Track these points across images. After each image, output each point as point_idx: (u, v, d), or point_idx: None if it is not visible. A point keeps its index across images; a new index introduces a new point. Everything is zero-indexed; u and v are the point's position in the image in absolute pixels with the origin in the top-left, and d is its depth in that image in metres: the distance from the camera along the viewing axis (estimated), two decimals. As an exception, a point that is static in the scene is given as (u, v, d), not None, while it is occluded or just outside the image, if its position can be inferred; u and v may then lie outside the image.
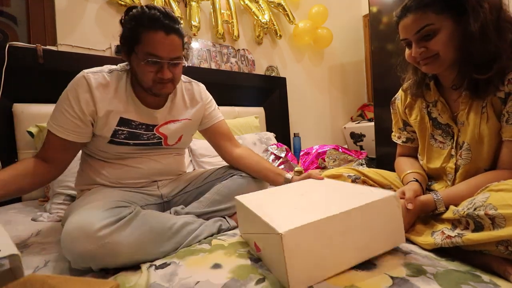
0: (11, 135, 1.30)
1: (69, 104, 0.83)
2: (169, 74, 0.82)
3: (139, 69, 0.82)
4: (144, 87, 0.86)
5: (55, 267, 0.69)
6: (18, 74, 1.29)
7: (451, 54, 0.71)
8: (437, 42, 0.70)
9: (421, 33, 0.71)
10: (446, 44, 0.70)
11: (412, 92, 0.90)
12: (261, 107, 2.39)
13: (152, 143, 0.95)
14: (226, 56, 2.17)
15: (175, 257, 0.70)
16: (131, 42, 0.80)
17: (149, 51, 0.78)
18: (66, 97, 0.84)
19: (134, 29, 0.78)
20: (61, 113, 0.83)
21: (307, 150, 1.98)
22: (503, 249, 0.55)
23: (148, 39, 0.77)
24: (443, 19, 0.69)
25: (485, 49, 0.67)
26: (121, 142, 0.89)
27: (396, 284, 0.54)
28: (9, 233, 0.89)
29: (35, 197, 1.33)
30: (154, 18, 0.76)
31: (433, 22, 0.69)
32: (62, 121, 0.83)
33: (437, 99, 0.84)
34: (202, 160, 1.64)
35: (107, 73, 0.87)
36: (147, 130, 0.93)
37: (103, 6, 1.65)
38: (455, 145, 0.81)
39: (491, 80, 0.69)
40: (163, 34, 0.77)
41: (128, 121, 0.89)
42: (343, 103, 3.27)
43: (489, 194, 0.59)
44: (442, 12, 0.68)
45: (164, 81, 0.83)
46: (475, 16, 0.65)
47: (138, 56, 0.79)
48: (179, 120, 0.99)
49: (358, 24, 3.38)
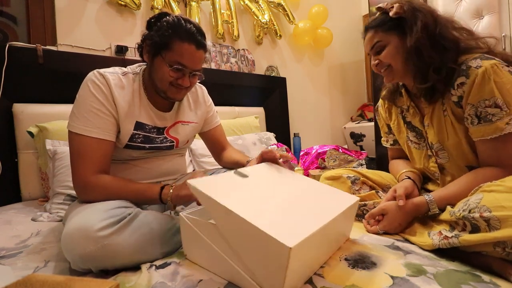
0: (11, 135, 1.30)
1: (98, 102, 0.80)
2: (187, 83, 0.86)
3: (160, 71, 0.84)
4: (158, 88, 0.87)
5: (55, 267, 0.69)
6: (18, 74, 1.29)
7: (401, 65, 0.82)
8: (385, 54, 0.83)
9: (374, 49, 0.85)
10: (393, 57, 0.82)
11: (387, 98, 1.01)
12: (261, 107, 2.39)
13: (166, 146, 0.96)
14: (226, 56, 2.17)
15: (175, 256, 0.71)
16: (160, 47, 0.82)
17: (177, 59, 0.82)
18: (91, 95, 0.79)
19: (168, 37, 0.81)
20: (93, 113, 0.79)
21: (307, 150, 1.98)
22: (500, 250, 0.56)
23: (179, 48, 0.81)
24: (390, 36, 0.82)
25: (420, 61, 0.77)
26: (138, 146, 0.89)
27: (396, 284, 0.54)
28: (9, 233, 0.91)
29: (35, 197, 1.34)
30: (190, 32, 0.82)
31: (382, 39, 0.83)
32: (98, 121, 0.79)
33: (409, 105, 0.92)
34: (202, 160, 1.65)
35: (121, 75, 0.87)
36: (158, 133, 0.94)
37: (103, 6, 1.65)
38: (428, 146, 0.88)
39: (435, 88, 0.79)
40: (194, 48, 0.83)
41: (142, 124, 0.89)
42: (343, 103, 3.27)
43: (482, 195, 0.60)
44: (389, 30, 0.82)
45: (181, 87, 0.87)
46: (410, 33, 0.77)
47: (164, 60, 0.82)
48: (186, 122, 1.01)
49: (358, 24, 3.38)
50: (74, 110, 0.80)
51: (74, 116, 0.80)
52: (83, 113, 0.79)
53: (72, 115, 0.80)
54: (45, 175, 1.32)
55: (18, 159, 1.31)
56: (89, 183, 0.76)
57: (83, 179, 0.77)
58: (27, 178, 1.32)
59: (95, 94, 0.80)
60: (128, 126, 0.86)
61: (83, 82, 0.82)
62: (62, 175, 1.17)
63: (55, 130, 1.29)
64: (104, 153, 0.81)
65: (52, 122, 1.31)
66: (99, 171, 0.78)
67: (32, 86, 1.34)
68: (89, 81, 0.81)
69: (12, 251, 0.78)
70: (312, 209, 0.65)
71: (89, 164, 0.77)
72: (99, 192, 0.76)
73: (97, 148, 0.79)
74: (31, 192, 1.33)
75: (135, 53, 1.73)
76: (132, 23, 1.75)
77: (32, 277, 0.44)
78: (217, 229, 0.58)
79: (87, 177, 0.76)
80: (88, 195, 0.77)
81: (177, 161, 1.06)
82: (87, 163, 0.77)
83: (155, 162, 0.97)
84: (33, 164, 1.33)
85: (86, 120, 0.78)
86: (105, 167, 0.81)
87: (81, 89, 0.82)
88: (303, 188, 0.77)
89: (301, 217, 0.58)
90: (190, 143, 1.10)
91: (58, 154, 1.21)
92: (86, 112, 0.79)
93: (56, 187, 1.16)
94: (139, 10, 1.75)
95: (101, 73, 0.83)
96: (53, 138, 1.28)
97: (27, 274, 0.56)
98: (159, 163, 0.98)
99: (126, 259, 0.64)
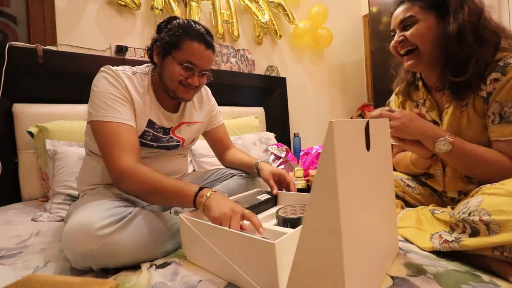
0: (11, 135, 1.30)
1: (118, 90, 0.80)
2: (197, 82, 0.88)
3: (171, 70, 0.85)
4: (168, 88, 0.88)
5: (55, 267, 0.69)
6: (18, 74, 1.29)
7: (429, 49, 0.76)
8: (414, 32, 0.76)
9: (404, 22, 0.78)
10: (423, 37, 0.75)
11: (404, 92, 0.95)
12: (261, 107, 2.39)
13: (172, 145, 0.97)
14: (226, 56, 2.17)
15: (175, 256, 0.71)
16: (171, 46, 0.84)
17: (187, 58, 0.84)
18: (109, 84, 0.79)
19: (179, 36, 0.83)
20: (115, 101, 0.78)
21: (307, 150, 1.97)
22: (498, 254, 0.55)
23: (190, 48, 0.83)
24: (427, 14, 0.75)
25: (461, 50, 0.71)
26: (147, 144, 0.90)
27: (396, 284, 0.54)
28: (9, 233, 0.91)
29: (35, 197, 1.34)
30: (200, 33, 0.84)
31: (417, 15, 0.76)
32: (121, 108, 0.78)
33: (426, 98, 0.88)
34: (202, 160, 1.65)
35: (132, 74, 0.88)
36: (165, 133, 0.94)
37: (103, 6, 1.65)
38: None
39: (469, 83, 0.72)
40: (204, 47, 0.85)
41: (153, 123, 0.90)
42: (343, 103, 3.27)
43: (482, 197, 0.59)
44: (428, 8, 0.75)
45: (190, 86, 0.88)
46: (455, 17, 0.71)
47: (175, 59, 0.84)
48: (191, 122, 1.01)
49: (358, 24, 3.38)
50: (95, 100, 0.78)
51: (95, 105, 0.78)
52: (106, 101, 0.78)
53: (94, 105, 0.78)
54: (45, 175, 1.32)
55: (18, 159, 1.31)
56: (125, 171, 0.72)
57: (119, 167, 0.72)
58: (27, 178, 1.32)
59: (113, 83, 0.81)
60: (142, 122, 0.87)
61: (96, 77, 0.83)
62: (62, 175, 1.17)
63: (55, 130, 1.29)
64: (134, 139, 0.79)
65: (52, 122, 1.31)
66: (136, 158, 0.76)
67: (32, 86, 1.34)
68: (105, 73, 0.82)
69: (12, 251, 0.78)
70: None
71: (122, 151, 0.74)
72: (135, 181, 0.72)
73: (128, 134, 0.77)
74: (31, 192, 1.33)
75: (135, 53, 1.73)
76: (132, 23, 1.75)
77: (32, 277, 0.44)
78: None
79: (123, 164, 0.72)
80: (125, 184, 0.73)
81: (180, 162, 1.07)
82: (120, 150, 0.74)
83: (158, 163, 0.97)
84: (33, 164, 1.33)
85: (110, 107, 0.77)
86: (137, 155, 0.78)
87: (97, 81, 0.81)
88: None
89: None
90: (194, 142, 1.10)
91: (58, 154, 1.22)
92: (109, 100, 0.78)
93: (56, 187, 1.16)
94: (139, 10, 1.75)
95: (113, 69, 0.83)
96: (53, 138, 1.28)
97: (27, 274, 0.56)
98: (163, 163, 0.98)
99: (127, 257, 0.65)
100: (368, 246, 0.51)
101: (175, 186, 0.72)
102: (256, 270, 0.54)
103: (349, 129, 0.45)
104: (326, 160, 0.41)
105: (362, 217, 0.49)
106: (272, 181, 0.91)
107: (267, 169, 0.96)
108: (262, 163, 0.99)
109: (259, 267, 0.53)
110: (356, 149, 0.48)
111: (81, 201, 0.80)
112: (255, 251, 0.53)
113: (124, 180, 0.73)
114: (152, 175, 0.73)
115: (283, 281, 0.50)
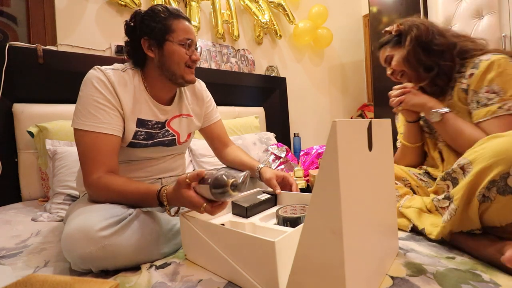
0: (11, 135, 1.30)
1: (103, 97, 0.78)
2: (199, 56, 0.92)
3: (176, 54, 0.86)
4: (175, 74, 0.88)
5: (55, 267, 0.69)
6: (18, 74, 1.29)
7: (410, 69, 0.98)
8: (394, 63, 1.01)
9: (387, 61, 1.05)
10: (401, 63, 0.98)
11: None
12: (261, 107, 2.39)
13: (168, 140, 0.96)
14: (226, 56, 2.17)
15: (175, 257, 0.71)
16: (164, 33, 0.85)
17: (184, 36, 0.87)
18: (95, 90, 0.78)
19: (166, 20, 0.85)
20: (98, 109, 0.77)
21: (307, 150, 1.97)
22: (481, 198, 0.60)
23: (180, 27, 0.87)
24: (396, 49, 1.00)
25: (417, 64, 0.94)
26: (140, 144, 0.89)
27: (396, 284, 0.54)
28: (9, 233, 0.91)
29: (35, 197, 1.34)
30: (178, 11, 0.89)
31: (390, 53, 1.02)
32: (104, 116, 0.78)
33: None
34: (202, 160, 1.65)
35: (122, 72, 0.86)
36: (161, 127, 0.94)
37: (103, 6, 1.65)
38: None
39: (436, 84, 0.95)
40: (187, 22, 0.90)
41: (144, 122, 0.89)
42: (343, 103, 3.27)
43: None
44: (396, 45, 1.00)
45: (193, 64, 0.91)
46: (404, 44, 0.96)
47: (174, 42, 0.86)
48: (185, 114, 1.01)
49: (358, 24, 3.38)
50: (79, 106, 0.78)
51: (79, 112, 0.78)
52: (89, 109, 0.77)
53: (77, 112, 0.78)
54: (45, 175, 1.32)
55: (18, 159, 1.31)
56: (91, 184, 0.75)
57: (87, 178, 0.75)
58: (27, 178, 1.33)
59: (99, 89, 0.79)
60: (131, 124, 0.86)
61: (84, 79, 0.81)
62: (62, 175, 1.17)
63: (55, 130, 1.29)
64: (112, 149, 0.79)
65: (52, 122, 1.31)
66: (106, 170, 0.76)
67: (32, 86, 1.34)
68: (92, 77, 0.80)
69: (12, 251, 0.78)
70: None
71: (95, 162, 0.76)
72: (100, 193, 0.74)
73: (105, 144, 0.77)
74: (31, 192, 1.33)
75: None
76: (132, 23, 1.75)
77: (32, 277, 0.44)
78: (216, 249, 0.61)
79: (91, 176, 0.75)
80: (93, 196, 0.76)
81: (177, 159, 1.06)
82: (93, 162, 0.76)
83: (156, 163, 0.97)
84: (33, 164, 1.33)
85: (92, 116, 0.77)
86: (113, 164, 0.79)
87: (84, 86, 0.80)
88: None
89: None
90: (191, 139, 1.09)
91: (58, 154, 1.22)
92: (92, 108, 0.77)
93: (56, 187, 1.16)
94: (139, 10, 1.75)
95: (102, 70, 0.82)
96: (53, 138, 1.28)
97: (27, 274, 0.56)
98: (160, 162, 0.98)
99: (127, 259, 0.64)
100: (369, 246, 0.51)
101: (139, 190, 0.72)
102: (256, 268, 0.54)
103: (352, 129, 0.46)
104: (328, 160, 0.41)
105: (364, 217, 0.49)
106: (275, 181, 0.91)
107: (270, 171, 0.95)
108: (265, 167, 0.98)
109: (259, 266, 0.53)
110: (359, 149, 0.48)
111: (80, 202, 0.80)
112: (255, 250, 0.53)
113: (91, 192, 0.77)
114: (115, 184, 0.73)
115: (283, 279, 0.50)
